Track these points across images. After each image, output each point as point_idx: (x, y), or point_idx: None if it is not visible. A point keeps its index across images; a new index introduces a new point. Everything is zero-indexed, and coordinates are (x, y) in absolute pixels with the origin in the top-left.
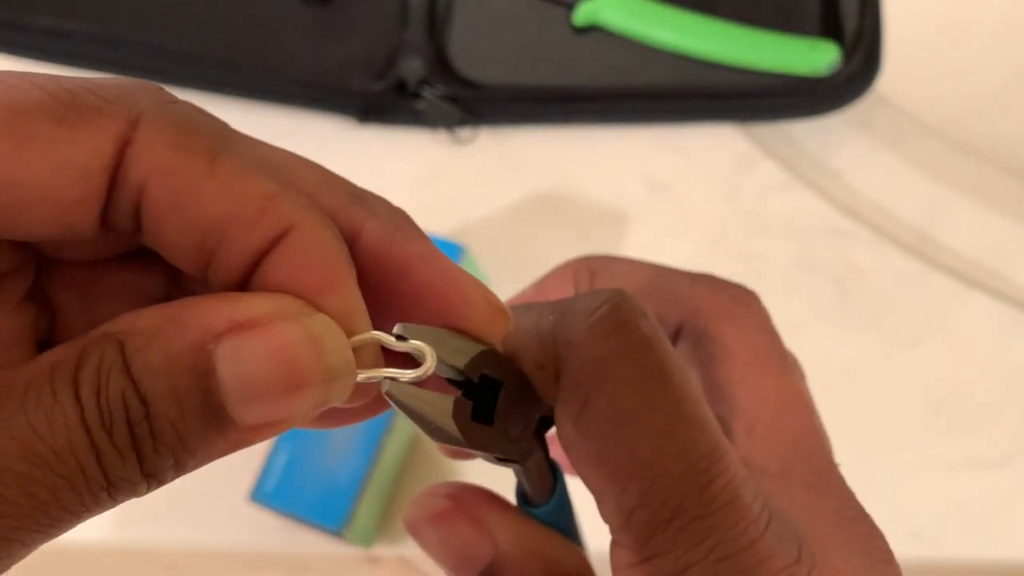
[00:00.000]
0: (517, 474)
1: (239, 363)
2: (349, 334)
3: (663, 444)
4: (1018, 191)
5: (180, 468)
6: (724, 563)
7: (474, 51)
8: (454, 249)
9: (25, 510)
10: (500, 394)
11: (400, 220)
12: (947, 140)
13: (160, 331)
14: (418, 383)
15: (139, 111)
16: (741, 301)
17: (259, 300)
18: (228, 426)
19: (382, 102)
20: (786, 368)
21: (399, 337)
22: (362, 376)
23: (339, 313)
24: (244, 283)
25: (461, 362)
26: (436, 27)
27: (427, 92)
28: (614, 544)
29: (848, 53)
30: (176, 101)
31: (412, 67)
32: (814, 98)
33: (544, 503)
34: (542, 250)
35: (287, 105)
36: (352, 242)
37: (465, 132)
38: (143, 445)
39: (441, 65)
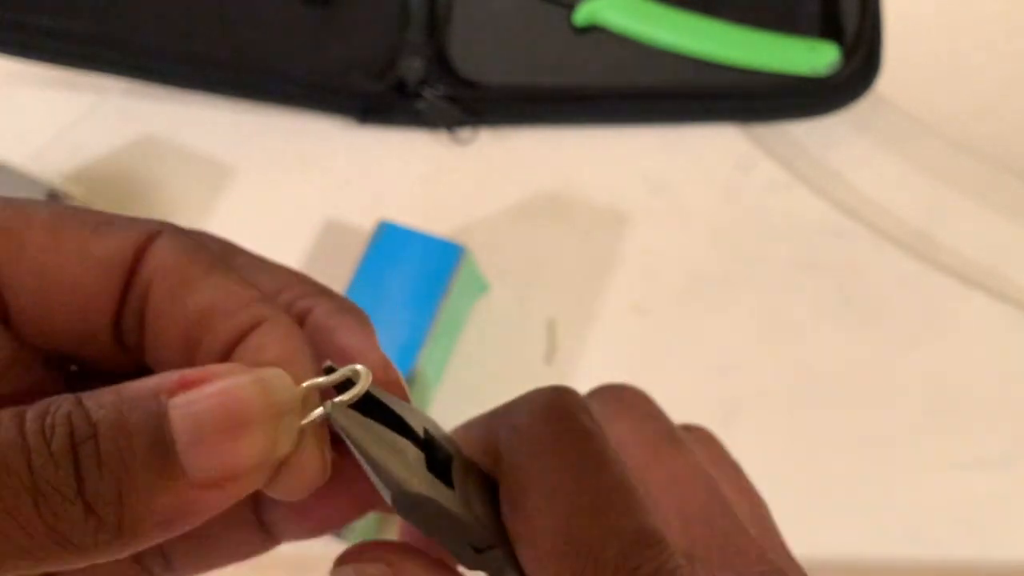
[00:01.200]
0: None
1: (189, 406)
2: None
3: (595, 525)
4: (1018, 191)
5: (124, 514)
6: None
7: (474, 51)
8: (454, 249)
9: None
10: (452, 465)
11: (346, 306)
12: (947, 140)
13: (117, 386)
14: (367, 414)
15: (161, 230)
16: (615, 398)
17: (210, 365)
18: (177, 473)
19: (382, 102)
20: (678, 450)
21: (329, 370)
22: (307, 420)
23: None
24: None
25: (403, 412)
26: (436, 27)
27: (427, 92)
28: None
29: (848, 53)
30: (194, 230)
31: (412, 67)
32: (814, 98)
33: None
34: (542, 250)
35: (287, 105)
36: (305, 317)
37: (465, 132)
38: (85, 462)
39: (441, 65)
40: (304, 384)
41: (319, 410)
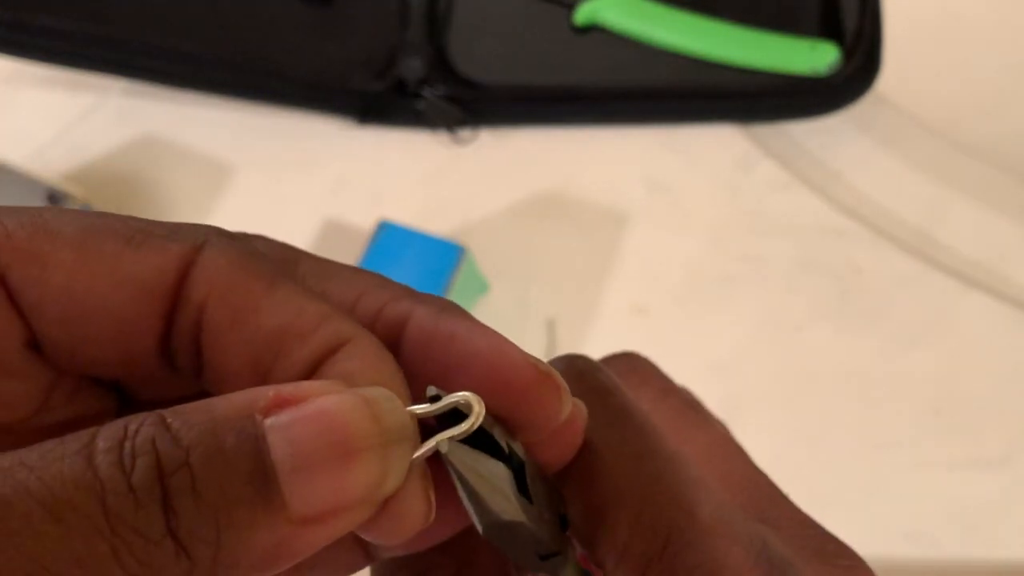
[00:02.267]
0: None
1: (288, 429)
2: None
3: (641, 472)
4: (1018, 191)
5: (220, 555)
6: None
7: (474, 51)
8: (454, 249)
9: None
10: (526, 472)
11: (448, 304)
12: (947, 140)
13: (203, 402)
14: (473, 446)
15: (205, 239)
16: (629, 369)
17: (305, 382)
18: (277, 506)
19: (382, 102)
20: (705, 419)
21: (434, 398)
22: (419, 453)
23: None
24: None
25: (488, 426)
26: (436, 27)
27: (427, 92)
28: None
29: (848, 53)
30: (245, 235)
31: (412, 67)
32: (814, 98)
33: None
34: (542, 250)
35: (287, 105)
36: (403, 325)
37: (465, 132)
38: (178, 498)
39: (441, 65)
40: (411, 409)
41: (431, 443)
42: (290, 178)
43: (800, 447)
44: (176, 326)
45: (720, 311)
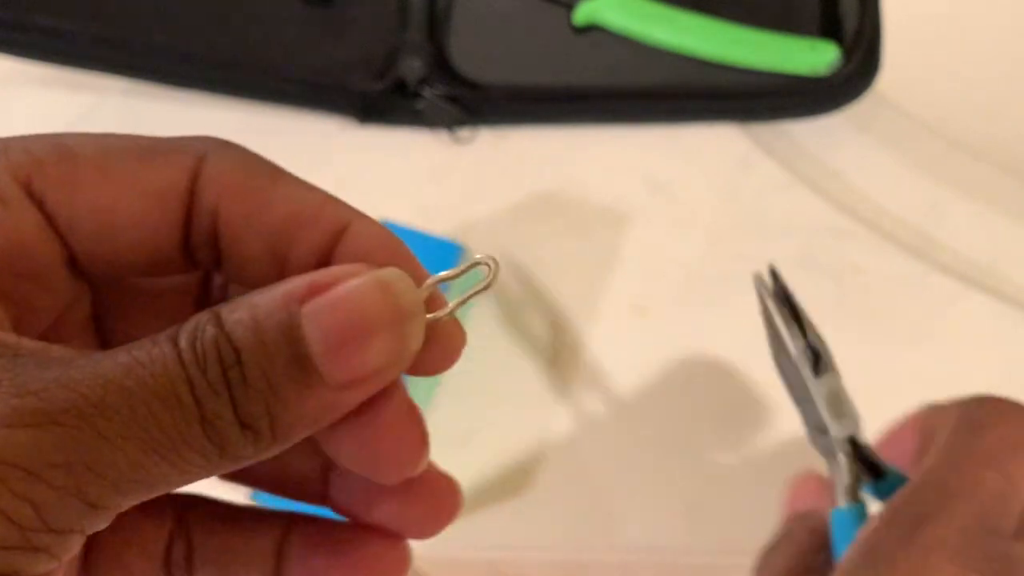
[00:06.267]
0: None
1: (319, 316)
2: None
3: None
4: (1018, 191)
5: (275, 424)
6: None
7: (474, 51)
8: (454, 249)
9: (126, 419)
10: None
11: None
12: (947, 140)
13: (250, 298)
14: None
15: (206, 149)
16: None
17: (334, 268)
18: (316, 380)
19: (382, 102)
20: None
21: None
22: (432, 316)
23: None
24: None
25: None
26: (436, 27)
27: (427, 92)
28: None
29: (848, 53)
30: (235, 145)
31: (412, 67)
32: (814, 98)
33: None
34: (542, 250)
35: (287, 105)
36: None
37: (465, 132)
38: (236, 388)
39: (441, 65)
40: (429, 282)
41: (461, 299)
42: None
43: (800, 447)
44: (194, 227)
45: (720, 311)
